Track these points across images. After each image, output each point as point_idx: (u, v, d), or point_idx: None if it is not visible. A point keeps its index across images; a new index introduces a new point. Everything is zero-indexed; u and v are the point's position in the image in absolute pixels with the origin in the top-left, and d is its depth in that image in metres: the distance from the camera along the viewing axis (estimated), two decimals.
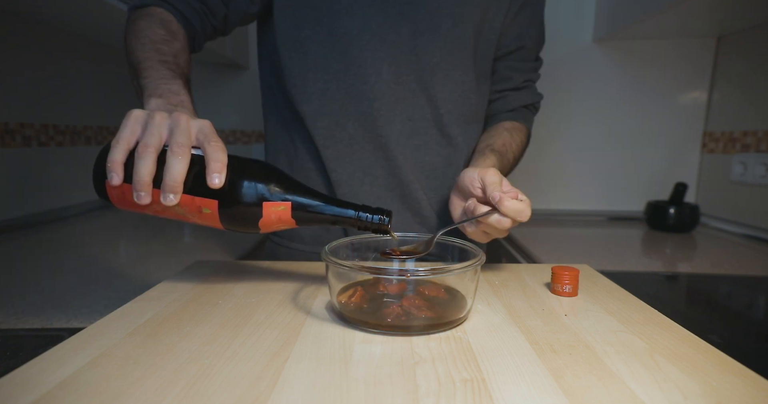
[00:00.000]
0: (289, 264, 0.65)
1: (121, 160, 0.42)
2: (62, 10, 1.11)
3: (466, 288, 0.46)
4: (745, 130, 1.29)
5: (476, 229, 0.56)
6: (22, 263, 0.82)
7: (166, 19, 0.63)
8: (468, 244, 0.51)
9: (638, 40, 1.43)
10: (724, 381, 0.35)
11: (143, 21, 0.61)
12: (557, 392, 0.33)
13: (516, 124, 0.79)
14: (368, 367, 0.36)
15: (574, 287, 0.53)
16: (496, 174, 0.56)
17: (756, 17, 1.18)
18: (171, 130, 0.43)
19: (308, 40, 0.71)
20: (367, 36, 0.69)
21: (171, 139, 0.42)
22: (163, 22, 0.63)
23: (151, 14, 0.63)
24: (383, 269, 0.43)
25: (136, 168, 0.41)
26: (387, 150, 0.73)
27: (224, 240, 1.04)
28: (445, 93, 0.73)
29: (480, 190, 0.57)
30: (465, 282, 0.46)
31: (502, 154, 0.71)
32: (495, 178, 0.55)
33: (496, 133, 0.76)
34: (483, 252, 0.48)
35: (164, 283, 0.56)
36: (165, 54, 0.58)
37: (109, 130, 1.55)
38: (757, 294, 0.81)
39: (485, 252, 0.49)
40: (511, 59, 0.79)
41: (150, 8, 0.64)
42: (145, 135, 0.42)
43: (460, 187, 0.61)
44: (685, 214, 1.25)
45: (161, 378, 0.34)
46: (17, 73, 1.15)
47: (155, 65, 0.55)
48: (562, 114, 1.50)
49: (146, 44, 0.58)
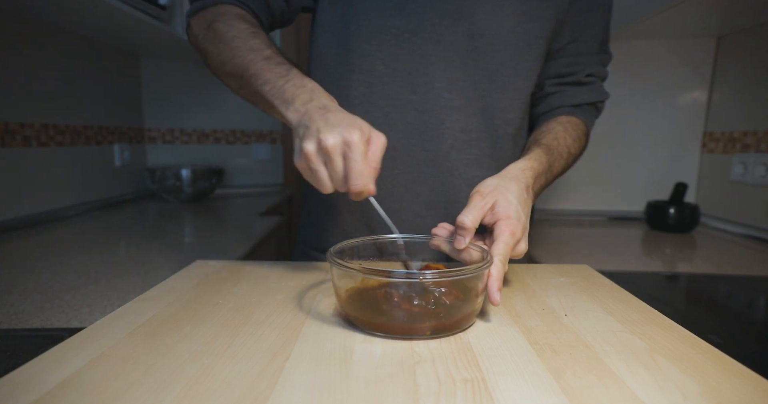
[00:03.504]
0: (290, 265, 0.65)
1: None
2: (62, 10, 1.11)
3: (474, 289, 0.45)
4: (745, 130, 1.28)
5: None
6: (22, 263, 0.82)
7: (240, 14, 0.61)
8: (476, 246, 0.51)
9: (638, 40, 1.43)
10: (724, 381, 0.35)
11: (221, 23, 0.58)
12: (557, 392, 0.33)
13: (572, 119, 0.71)
14: (368, 367, 0.36)
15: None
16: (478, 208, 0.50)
17: (756, 17, 1.18)
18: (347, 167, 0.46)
19: (353, 36, 0.66)
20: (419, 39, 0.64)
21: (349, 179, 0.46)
22: (240, 16, 0.60)
23: (224, 13, 0.60)
24: (390, 272, 0.42)
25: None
26: (433, 165, 0.68)
27: (224, 240, 1.04)
28: (504, 102, 0.67)
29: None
30: (474, 284, 0.46)
31: (550, 147, 0.63)
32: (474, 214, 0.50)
33: (547, 128, 0.68)
34: (489, 253, 0.48)
35: (164, 283, 0.56)
36: (262, 48, 0.56)
37: (109, 129, 1.55)
38: (757, 294, 0.81)
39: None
40: (571, 52, 0.71)
41: (217, 8, 0.61)
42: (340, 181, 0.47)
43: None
44: (685, 214, 1.25)
45: (161, 378, 0.34)
46: (17, 73, 1.15)
47: (264, 66, 0.54)
48: None
49: (240, 47, 0.56)
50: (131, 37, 1.42)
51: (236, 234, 1.10)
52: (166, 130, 1.86)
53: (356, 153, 0.45)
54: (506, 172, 0.56)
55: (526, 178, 0.56)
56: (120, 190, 1.61)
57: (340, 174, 0.46)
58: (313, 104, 0.49)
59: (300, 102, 0.50)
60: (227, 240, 1.04)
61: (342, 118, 0.47)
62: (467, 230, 0.49)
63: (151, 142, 1.85)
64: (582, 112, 0.73)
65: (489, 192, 0.52)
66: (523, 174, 0.56)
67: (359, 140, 0.45)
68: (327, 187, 0.48)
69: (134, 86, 1.74)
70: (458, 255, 0.51)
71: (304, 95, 0.50)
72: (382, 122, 0.67)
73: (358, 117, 0.48)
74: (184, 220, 1.31)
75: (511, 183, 0.53)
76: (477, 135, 0.68)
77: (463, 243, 0.50)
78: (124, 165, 1.63)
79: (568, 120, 0.70)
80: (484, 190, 0.52)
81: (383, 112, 0.67)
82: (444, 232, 0.54)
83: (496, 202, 0.51)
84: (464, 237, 0.50)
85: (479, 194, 0.52)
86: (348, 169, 0.45)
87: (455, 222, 0.50)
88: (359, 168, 0.45)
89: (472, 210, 0.50)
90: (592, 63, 0.72)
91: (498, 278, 0.46)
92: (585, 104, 0.73)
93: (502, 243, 0.49)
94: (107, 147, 1.54)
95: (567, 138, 0.66)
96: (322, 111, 0.48)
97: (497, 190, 0.52)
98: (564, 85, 0.73)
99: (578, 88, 0.73)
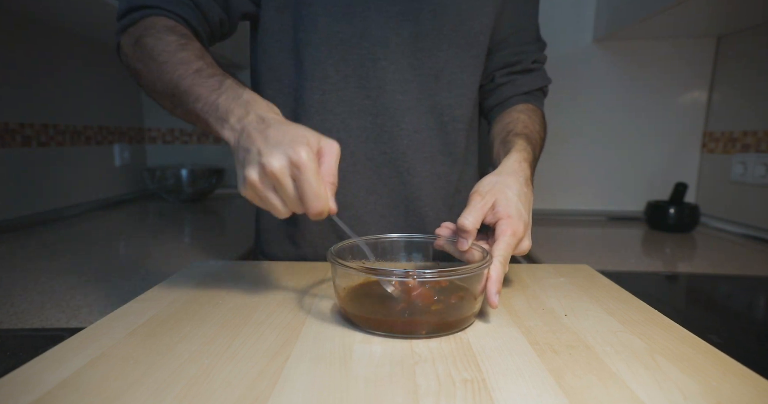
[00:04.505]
0: (289, 265, 0.65)
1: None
2: (62, 10, 1.11)
3: (473, 289, 0.46)
4: (745, 130, 1.28)
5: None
6: (22, 263, 0.82)
7: (169, 25, 0.56)
8: (479, 246, 0.51)
9: (638, 40, 1.43)
10: (724, 381, 0.35)
11: (148, 37, 0.53)
12: (557, 392, 0.33)
13: (529, 106, 0.72)
14: (368, 367, 0.36)
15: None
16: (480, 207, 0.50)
17: (756, 17, 1.18)
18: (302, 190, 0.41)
19: (303, 43, 0.64)
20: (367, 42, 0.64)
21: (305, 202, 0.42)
22: (169, 28, 0.55)
23: (152, 26, 0.55)
24: (390, 271, 0.42)
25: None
26: (392, 166, 0.69)
27: (224, 240, 1.04)
28: (451, 99, 0.69)
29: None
30: (473, 283, 0.46)
31: (527, 135, 0.63)
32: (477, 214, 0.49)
33: (511, 118, 0.69)
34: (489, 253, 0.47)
35: (164, 283, 0.56)
36: (192, 61, 0.51)
37: (109, 129, 1.55)
38: (757, 294, 0.81)
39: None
40: (514, 42, 0.73)
41: (145, 21, 0.56)
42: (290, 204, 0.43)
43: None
44: (685, 214, 1.25)
45: (161, 378, 0.34)
46: (17, 73, 1.15)
47: (195, 80, 0.49)
48: (562, 114, 1.50)
49: (168, 61, 0.51)
50: None
51: (236, 235, 1.10)
52: (166, 130, 1.86)
53: (308, 173, 0.40)
54: (502, 168, 0.55)
55: (523, 170, 0.55)
56: (120, 190, 1.61)
57: (293, 198, 0.42)
58: (249, 119, 0.44)
59: (235, 118, 0.45)
60: (227, 240, 1.04)
61: (284, 133, 0.42)
62: (468, 232, 0.49)
63: (151, 142, 1.85)
64: (534, 99, 0.74)
65: (488, 191, 0.51)
66: (520, 166, 0.56)
67: (308, 158, 0.40)
68: (282, 213, 0.44)
69: (134, 86, 1.74)
70: (462, 256, 0.51)
71: (238, 110, 0.45)
72: (340, 128, 0.67)
73: (301, 125, 0.44)
74: (183, 220, 1.31)
75: (509, 178, 0.53)
76: (429, 133, 0.69)
77: (466, 245, 0.49)
78: (124, 165, 1.63)
79: (526, 107, 0.71)
80: (483, 189, 0.52)
81: (340, 119, 0.67)
82: (447, 232, 0.54)
83: (496, 201, 0.51)
84: (466, 240, 0.49)
85: (478, 194, 0.51)
86: (302, 192, 0.41)
87: (457, 224, 0.50)
88: (314, 189, 0.41)
89: (472, 211, 0.49)
90: (534, 50, 0.74)
91: (497, 280, 0.46)
92: (534, 90, 0.75)
93: (503, 243, 0.48)
94: (107, 147, 1.54)
95: (534, 124, 0.68)
96: (261, 126, 0.43)
97: (496, 188, 0.52)
98: (514, 74, 0.74)
99: (527, 75, 0.74)
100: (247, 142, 0.43)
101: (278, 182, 0.41)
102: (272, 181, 0.41)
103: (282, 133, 0.42)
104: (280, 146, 0.41)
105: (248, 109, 0.45)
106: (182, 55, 0.51)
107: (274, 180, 0.41)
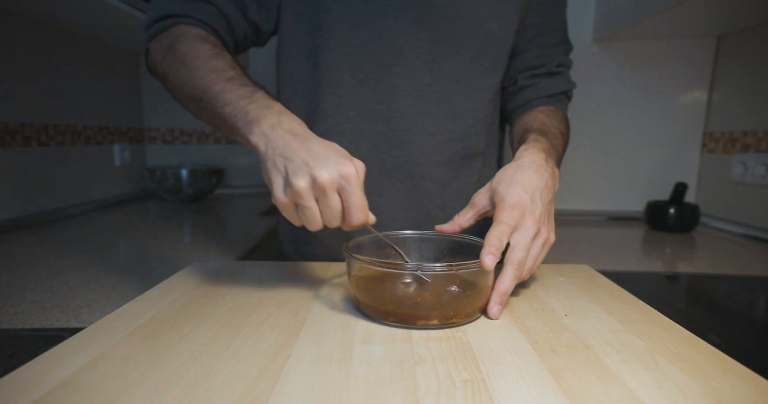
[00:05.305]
0: (290, 265, 0.65)
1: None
2: (63, 10, 1.11)
3: (484, 282, 0.47)
4: (745, 130, 1.28)
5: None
6: (22, 263, 0.82)
7: (202, 35, 0.58)
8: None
9: (638, 40, 1.43)
10: (724, 381, 0.35)
11: (181, 44, 0.55)
12: (557, 392, 0.33)
13: (551, 107, 0.72)
14: (368, 367, 0.36)
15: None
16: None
17: (756, 17, 1.18)
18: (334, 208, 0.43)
19: (320, 49, 0.65)
20: (382, 49, 0.65)
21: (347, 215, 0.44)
22: (202, 37, 0.57)
23: (185, 34, 0.57)
24: (402, 264, 0.45)
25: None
26: (403, 170, 0.69)
27: (224, 240, 1.04)
28: (472, 102, 0.69)
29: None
30: (482, 277, 0.47)
31: (543, 130, 0.64)
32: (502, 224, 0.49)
33: (529, 118, 0.69)
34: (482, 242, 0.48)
35: (164, 283, 0.56)
36: (224, 69, 0.52)
37: (110, 129, 1.55)
38: (757, 294, 0.81)
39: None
40: (538, 45, 0.73)
41: (176, 29, 0.58)
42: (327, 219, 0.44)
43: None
44: (685, 214, 1.25)
45: (161, 378, 0.34)
46: (17, 73, 1.15)
47: (226, 87, 0.50)
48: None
49: (200, 67, 0.52)
50: (131, 37, 1.42)
51: (236, 234, 1.10)
52: (166, 130, 1.86)
53: (355, 187, 0.43)
54: (513, 161, 0.56)
55: (531, 156, 0.55)
56: (120, 190, 1.61)
57: (337, 211, 0.43)
58: (283, 129, 0.45)
59: (267, 124, 0.46)
60: (227, 240, 1.04)
61: (325, 147, 0.44)
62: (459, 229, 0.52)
63: (151, 142, 1.85)
64: (558, 102, 0.75)
65: (489, 188, 0.53)
66: (528, 153, 0.56)
67: (356, 173, 0.43)
68: (317, 224, 0.44)
69: (134, 86, 1.74)
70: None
71: (271, 117, 0.46)
72: (352, 132, 0.68)
73: (334, 142, 0.46)
74: (184, 220, 1.31)
75: (509, 168, 0.54)
76: (447, 136, 0.69)
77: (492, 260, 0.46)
78: (124, 165, 1.63)
79: (547, 108, 0.72)
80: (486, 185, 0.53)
81: (353, 123, 0.68)
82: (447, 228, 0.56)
83: (494, 191, 0.52)
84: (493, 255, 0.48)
85: (478, 191, 0.53)
86: (348, 204, 0.43)
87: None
88: (360, 201, 0.43)
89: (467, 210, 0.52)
90: (559, 53, 0.74)
91: (501, 292, 0.46)
92: (558, 94, 0.75)
93: (492, 233, 0.47)
94: (107, 147, 1.54)
95: (553, 121, 0.68)
96: (298, 139, 0.44)
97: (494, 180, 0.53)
98: (537, 77, 0.74)
99: (550, 78, 0.74)
100: (286, 151, 0.44)
101: (324, 193, 0.42)
102: (319, 192, 0.43)
103: (324, 147, 0.44)
104: (329, 160, 0.43)
105: (280, 119, 0.46)
106: (215, 63, 0.53)
107: (321, 191, 0.42)
